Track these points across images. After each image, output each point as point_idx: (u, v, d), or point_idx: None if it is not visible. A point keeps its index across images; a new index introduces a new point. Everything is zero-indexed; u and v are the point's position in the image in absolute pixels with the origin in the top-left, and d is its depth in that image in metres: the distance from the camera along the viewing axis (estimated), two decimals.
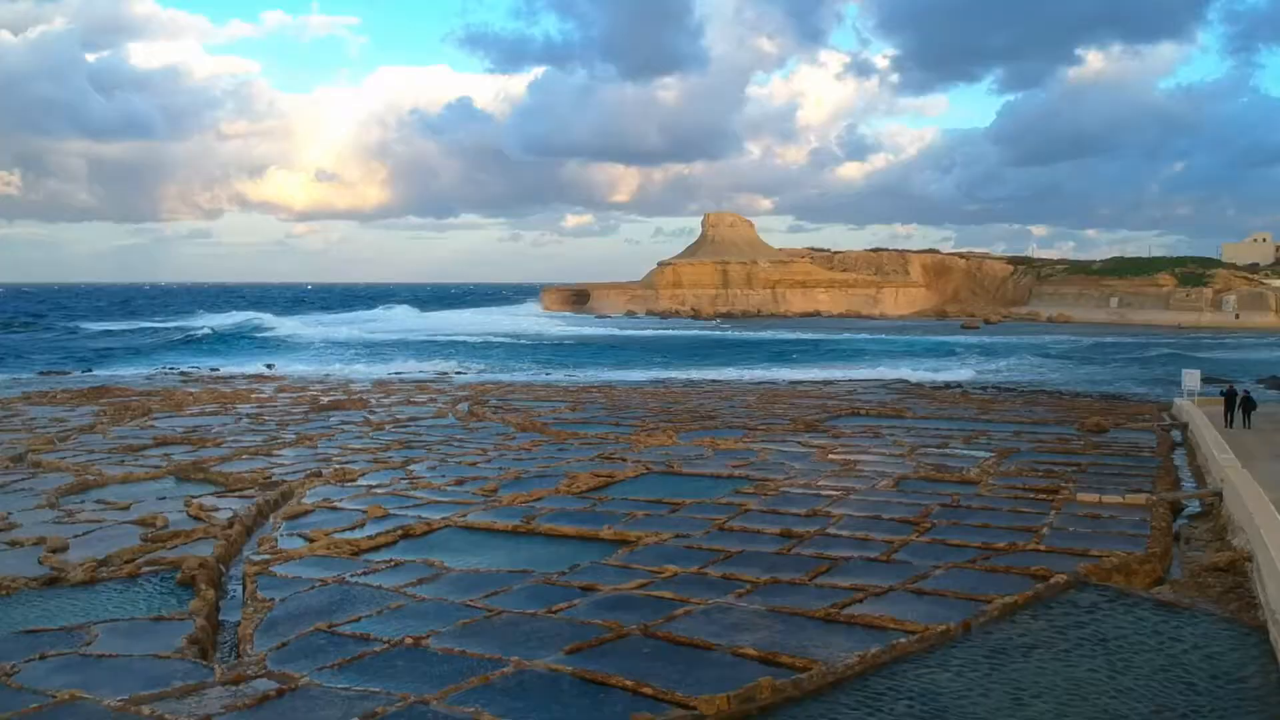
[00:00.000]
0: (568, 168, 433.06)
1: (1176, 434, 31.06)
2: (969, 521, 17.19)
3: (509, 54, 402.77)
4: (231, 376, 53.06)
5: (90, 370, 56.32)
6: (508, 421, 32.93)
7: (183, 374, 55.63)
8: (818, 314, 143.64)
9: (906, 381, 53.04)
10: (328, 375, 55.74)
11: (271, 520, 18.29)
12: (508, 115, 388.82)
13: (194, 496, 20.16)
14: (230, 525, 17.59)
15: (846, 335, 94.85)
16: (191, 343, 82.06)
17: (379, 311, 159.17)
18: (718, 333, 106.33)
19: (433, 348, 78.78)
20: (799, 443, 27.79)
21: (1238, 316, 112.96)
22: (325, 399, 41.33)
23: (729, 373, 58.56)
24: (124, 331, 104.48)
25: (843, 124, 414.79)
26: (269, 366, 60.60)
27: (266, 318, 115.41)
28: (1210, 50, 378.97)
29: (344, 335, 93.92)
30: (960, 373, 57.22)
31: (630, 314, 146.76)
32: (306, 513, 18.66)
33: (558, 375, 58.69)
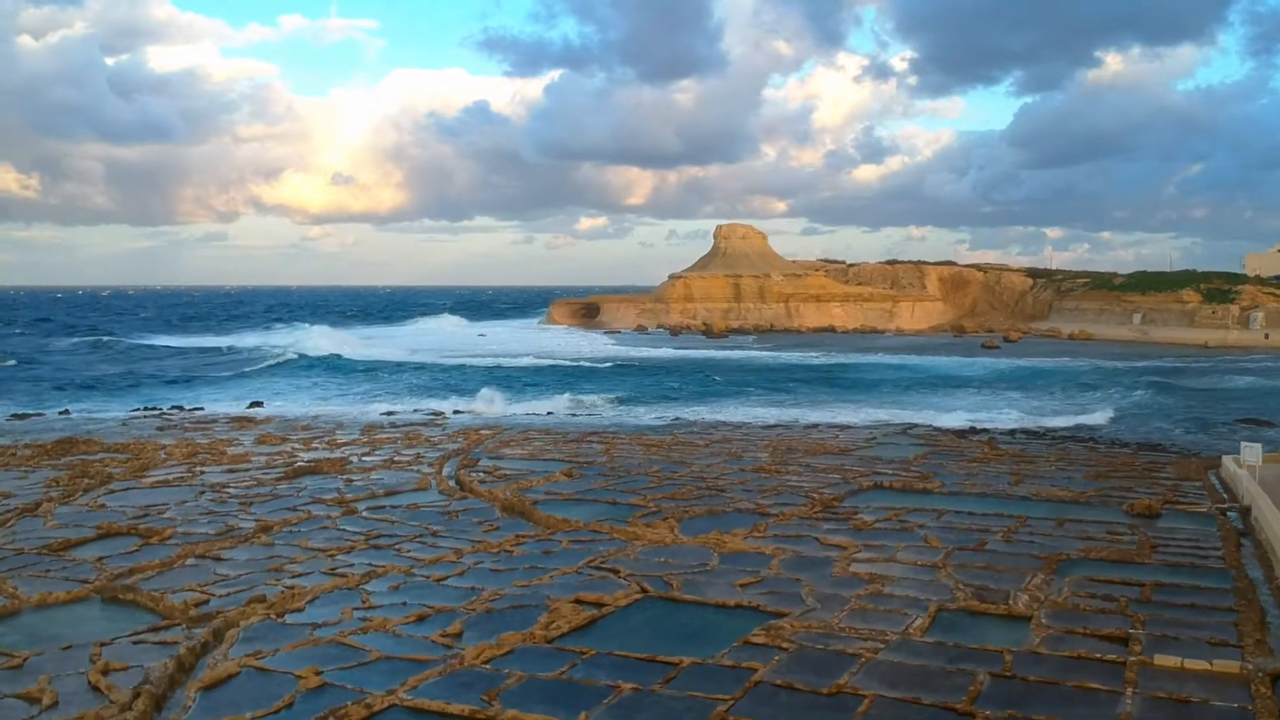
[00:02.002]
0: (582, 170, 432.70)
1: (1234, 515, 27.86)
2: (1029, 710, 13.99)
3: (527, 57, 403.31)
4: (213, 421, 50.11)
5: (66, 411, 53.41)
6: (494, 499, 29.87)
7: (163, 415, 52.77)
8: (832, 329, 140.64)
9: (931, 425, 49.82)
10: (317, 417, 52.81)
11: (184, 692, 15.21)
12: (524, 118, 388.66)
13: (106, 642, 17.15)
14: (135, 699, 14.58)
15: (862, 359, 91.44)
16: (265, 370, 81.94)
17: (431, 324, 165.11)
18: (728, 352, 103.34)
19: (460, 377, 76.64)
20: (816, 539, 24.65)
21: (1267, 336, 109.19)
22: (305, 456, 38.40)
23: (739, 413, 55.39)
24: (195, 350, 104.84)
25: (859, 126, 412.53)
26: (257, 405, 57.65)
27: (326, 335, 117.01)
28: (1230, 52, 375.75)
29: (405, 357, 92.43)
30: (1000, 418, 53.46)
31: (640, 328, 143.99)
32: (229, 677, 15.59)
33: (560, 414, 55.76)
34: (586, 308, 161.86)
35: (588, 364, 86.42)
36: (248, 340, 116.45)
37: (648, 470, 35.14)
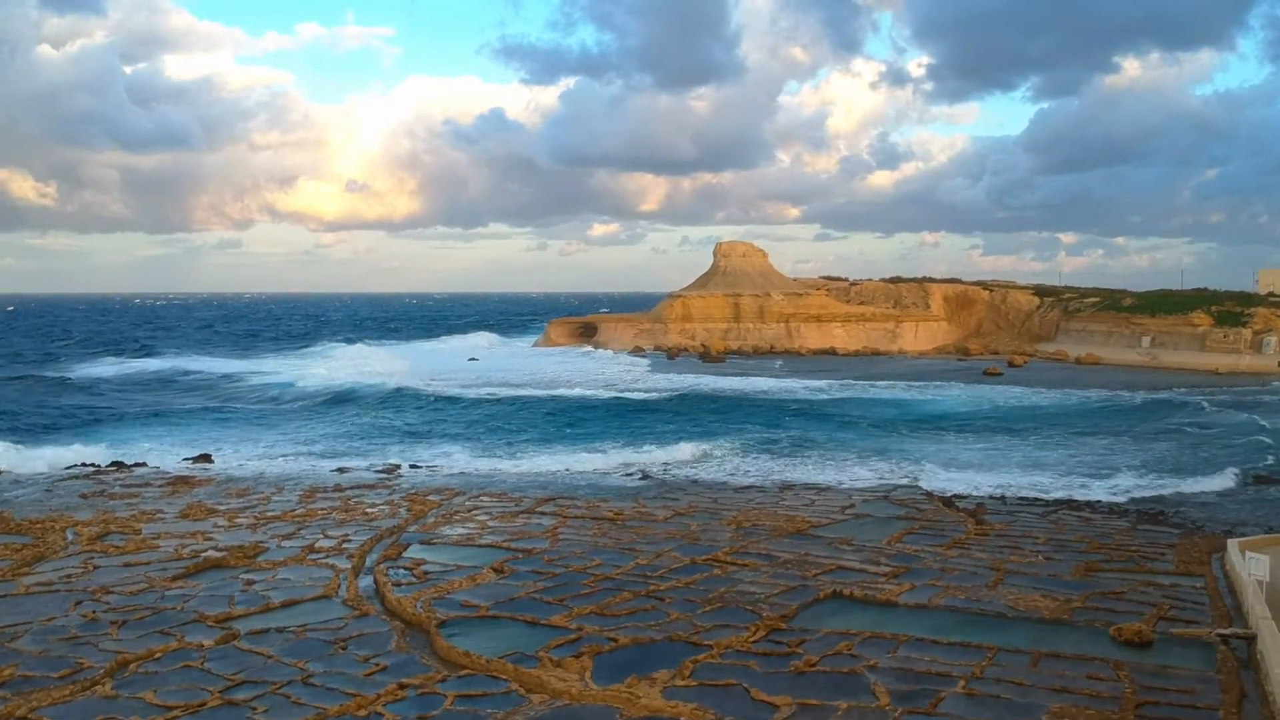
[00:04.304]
0: (597, 177, 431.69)
1: (1239, 645, 24.36)
2: None
3: (545, 64, 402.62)
4: (146, 484, 46.78)
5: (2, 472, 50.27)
6: (399, 614, 26.53)
7: (97, 475, 49.49)
8: (833, 351, 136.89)
9: (916, 486, 46.37)
10: (262, 474, 49.61)
11: None
12: (539, 125, 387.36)
13: None
14: None
15: (859, 394, 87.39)
16: (333, 404, 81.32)
17: (470, 342, 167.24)
18: (724, 378, 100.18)
19: (444, 413, 74.90)
20: (747, 691, 21.22)
21: None
22: (221, 539, 35.19)
23: (710, 469, 52.08)
24: (251, 376, 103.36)
25: (873, 132, 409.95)
26: (205, 459, 54.44)
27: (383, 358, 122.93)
28: (1249, 57, 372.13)
29: (483, 392, 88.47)
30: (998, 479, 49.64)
31: (637, 349, 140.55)
32: None
33: (525, 464, 52.73)
34: (584, 327, 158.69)
35: (642, 394, 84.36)
36: (315, 368, 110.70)
37: (589, 564, 31.70)
